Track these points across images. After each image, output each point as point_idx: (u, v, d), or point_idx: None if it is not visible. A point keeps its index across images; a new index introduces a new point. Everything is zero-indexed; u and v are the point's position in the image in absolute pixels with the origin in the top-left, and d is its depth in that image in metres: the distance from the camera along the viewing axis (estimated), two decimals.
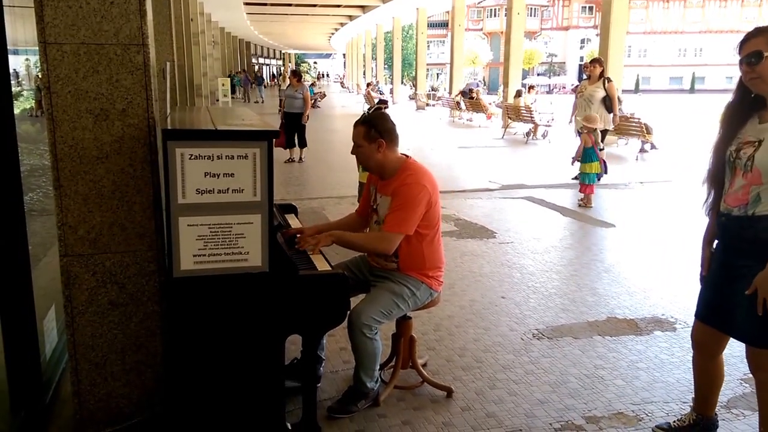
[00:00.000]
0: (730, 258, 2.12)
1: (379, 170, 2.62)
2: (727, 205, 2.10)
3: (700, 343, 2.31)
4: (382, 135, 2.55)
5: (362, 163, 2.66)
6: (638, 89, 46.66)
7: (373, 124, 2.57)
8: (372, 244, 2.61)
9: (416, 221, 2.51)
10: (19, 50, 2.95)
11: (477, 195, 7.47)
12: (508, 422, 2.53)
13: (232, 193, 1.99)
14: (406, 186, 2.52)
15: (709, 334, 2.25)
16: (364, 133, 2.56)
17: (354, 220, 2.86)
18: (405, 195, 2.50)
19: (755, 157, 2.00)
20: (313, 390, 2.36)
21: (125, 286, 2.26)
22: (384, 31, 34.89)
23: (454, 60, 21.44)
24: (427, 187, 2.53)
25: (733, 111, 2.14)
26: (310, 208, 6.46)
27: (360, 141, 2.57)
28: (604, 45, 12.04)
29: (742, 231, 2.05)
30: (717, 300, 2.18)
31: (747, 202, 2.02)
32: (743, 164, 2.04)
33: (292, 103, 9.98)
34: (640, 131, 10.60)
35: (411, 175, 2.56)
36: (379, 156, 2.57)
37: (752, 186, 2.02)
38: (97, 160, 2.17)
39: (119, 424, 2.35)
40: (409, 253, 2.56)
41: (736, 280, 2.06)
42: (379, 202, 2.64)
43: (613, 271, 4.56)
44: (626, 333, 3.45)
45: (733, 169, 2.09)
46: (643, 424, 2.52)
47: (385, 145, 2.56)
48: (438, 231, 2.64)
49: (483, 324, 3.56)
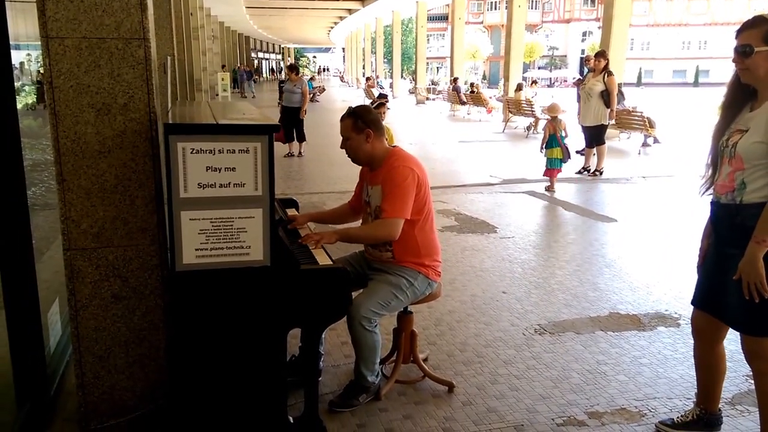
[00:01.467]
0: (721, 246, 2.16)
1: (369, 161, 2.67)
2: (717, 192, 2.16)
3: (699, 330, 2.34)
4: (369, 125, 2.59)
5: (352, 155, 2.68)
6: (641, 82, 46.52)
7: (359, 116, 2.61)
8: (375, 233, 2.63)
9: (411, 203, 2.54)
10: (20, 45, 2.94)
11: (478, 189, 7.46)
12: (509, 417, 2.54)
13: (234, 187, 1.99)
14: (394, 170, 2.56)
15: (706, 320, 2.28)
16: (351, 125, 2.60)
17: (346, 211, 2.91)
18: (394, 179, 2.54)
19: (738, 143, 2.05)
20: (315, 383, 2.37)
21: (128, 279, 2.26)
22: (383, 24, 34.78)
23: (454, 54, 21.37)
24: (414, 170, 2.56)
25: (731, 99, 2.17)
26: (311, 203, 6.46)
27: (348, 133, 2.61)
28: (606, 38, 11.98)
29: (731, 219, 2.09)
30: (711, 287, 2.22)
31: (734, 189, 2.07)
32: (729, 151, 2.09)
33: (290, 98, 10.07)
34: (642, 125, 10.57)
35: (397, 160, 2.60)
36: (368, 146, 2.61)
37: (736, 172, 2.06)
38: (99, 154, 2.17)
39: (123, 416, 2.36)
40: (400, 240, 2.58)
41: (727, 268, 2.09)
42: (370, 194, 2.67)
43: (615, 266, 4.56)
44: (629, 328, 3.46)
45: (721, 158, 2.14)
46: (646, 420, 2.52)
47: (372, 135, 2.60)
48: (429, 217, 2.66)
49: (484, 319, 3.57)
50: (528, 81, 17.65)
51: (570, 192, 7.28)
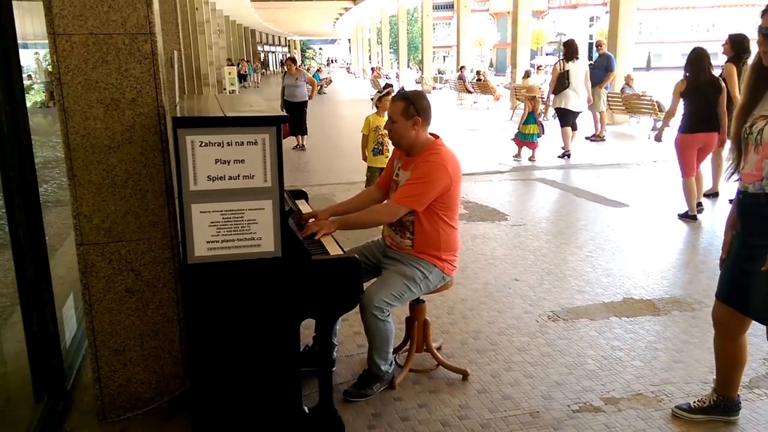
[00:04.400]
0: (748, 237, 2.09)
1: (409, 147, 2.61)
2: (744, 182, 2.08)
3: (721, 324, 2.28)
4: (419, 113, 2.54)
5: (394, 138, 2.62)
6: (650, 66, 45.90)
7: (413, 101, 2.55)
8: (375, 216, 2.62)
9: (428, 200, 2.49)
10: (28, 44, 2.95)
11: (487, 177, 7.42)
12: (525, 404, 2.53)
13: (243, 179, 1.99)
14: (428, 163, 2.51)
15: (729, 313, 2.22)
16: (402, 108, 2.54)
17: (373, 194, 2.84)
18: (423, 171, 2.50)
19: (764, 130, 1.98)
20: (329, 373, 2.37)
21: (141, 273, 2.28)
22: (389, 14, 34.53)
23: (460, 42, 21.19)
24: (448, 171, 2.51)
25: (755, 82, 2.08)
26: (320, 194, 6.46)
27: (396, 117, 2.55)
28: (614, 22, 11.82)
29: (759, 209, 2.02)
30: (736, 280, 2.15)
31: (761, 178, 2.00)
32: (754, 138, 2.02)
33: (292, 92, 9.58)
34: (652, 109, 10.45)
35: (435, 154, 2.54)
36: (412, 133, 2.56)
37: (765, 160, 1.99)
38: (109, 149, 2.17)
39: (139, 409, 2.38)
40: (424, 231, 2.55)
41: (753, 260, 2.03)
42: (400, 176, 2.63)
43: (628, 251, 4.52)
44: (644, 314, 3.43)
45: (746, 146, 2.07)
46: (663, 405, 2.50)
47: (420, 123, 2.55)
48: (456, 216, 2.63)
49: (497, 307, 3.55)
50: (534, 68, 17.47)
51: (580, 178, 7.22)
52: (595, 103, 10.25)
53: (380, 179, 2.87)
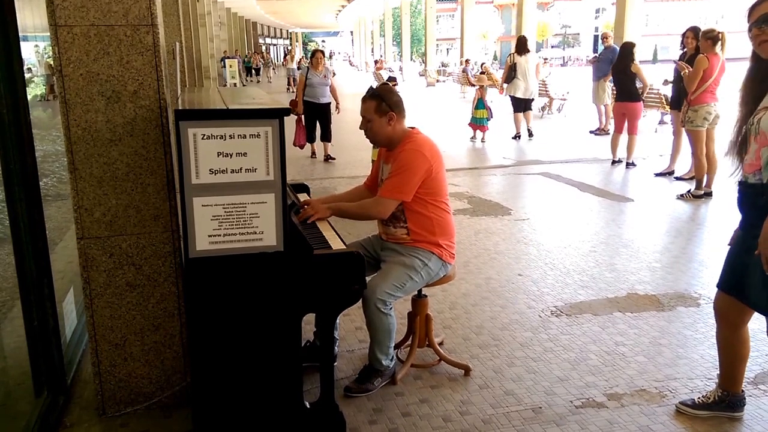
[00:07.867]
0: (747, 228, 2.10)
1: (388, 143, 2.65)
2: (745, 172, 2.10)
3: (722, 313, 2.29)
4: (392, 108, 2.57)
5: (372, 137, 2.65)
6: (656, 59, 45.58)
7: (383, 98, 2.57)
8: (366, 210, 2.63)
9: (413, 188, 2.52)
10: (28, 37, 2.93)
11: (491, 172, 7.39)
12: (527, 400, 2.52)
13: (245, 173, 1.97)
14: (405, 152, 2.55)
15: (729, 303, 2.23)
16: (375, 107, 2.56)
17: (361, 192, 2.88)
18: (402, 161, 2.53)
19: (763, 119, 1.99)
20: (331, 369, 2.36)
21: (142, 267, 2.26)
22: (392, 6, 34.32)
23: (464, 34, 21.06)
24: (425, 155, 2.54)
25: (750, 88, 2.11)
26: (322, 188, 6.44)
27: (370, 115, 2.58)
28: (620, 14, 11.69)
29: (756, 199, 2.03)
30: (736, 270, 2.17)
31: (760, 167, 2.00)
32: (755, 129, 2.03)
33: (315, 92, 7.82)
34: (659, 102, 10.36)
35: (411, 142, 2.58)
36: (389, 129, 2.59)
37: (762, 148, 1.99)
38: (110, 142, 2.15)
39: (140, 403, 2.38)
40: (417, 217, 2.57)
41: (751, 250, 2.03)
42: (384, 172, 2.67)
43: (632, 246, 4.49)
44: (647, 309, 3.41)
45: (749, 137, 2.08)
46: (667, 401, 2.49)
47: (395, 117, 2.57)
48: (446, 201, 2.65)
49: (500, 302, 3.54)
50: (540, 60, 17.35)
51: (585, 172, 7.18)
52: (600, 96, 10.18)
53: (368, 178, 2.89)
